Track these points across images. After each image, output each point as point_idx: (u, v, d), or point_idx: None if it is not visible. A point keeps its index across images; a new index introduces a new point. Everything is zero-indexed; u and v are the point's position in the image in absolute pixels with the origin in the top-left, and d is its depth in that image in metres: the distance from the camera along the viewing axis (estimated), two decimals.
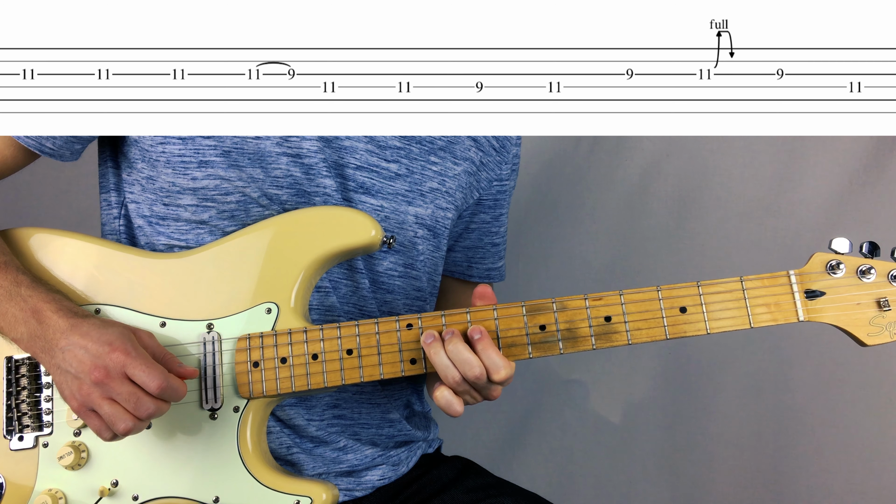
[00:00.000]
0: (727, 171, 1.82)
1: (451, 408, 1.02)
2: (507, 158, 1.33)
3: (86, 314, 1.04)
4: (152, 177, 1.14)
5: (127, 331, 1.01)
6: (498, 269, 1.41)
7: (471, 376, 1.00)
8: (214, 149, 1.11)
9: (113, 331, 1.00)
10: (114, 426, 0.98)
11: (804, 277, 1.04)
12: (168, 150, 1.11)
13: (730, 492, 1.85)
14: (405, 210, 1.20)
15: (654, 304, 1.03)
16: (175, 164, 1.11)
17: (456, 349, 1.00)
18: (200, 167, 1.11)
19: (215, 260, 1.10)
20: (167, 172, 1.12)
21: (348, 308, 1.19)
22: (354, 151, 1.16)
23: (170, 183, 1.12)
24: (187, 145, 1.11)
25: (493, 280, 1.42)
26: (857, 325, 1.03)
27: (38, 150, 1.14)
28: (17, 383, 1.10)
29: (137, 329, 1.04)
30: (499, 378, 1.00)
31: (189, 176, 1.11)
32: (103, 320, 1.03)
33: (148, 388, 0.97)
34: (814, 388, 1.79)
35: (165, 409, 1.00)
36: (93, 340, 0.99)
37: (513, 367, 1.01)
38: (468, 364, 1.00)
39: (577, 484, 1.94)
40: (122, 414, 0.98)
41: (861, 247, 1.04)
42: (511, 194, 1.39)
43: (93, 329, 1.00)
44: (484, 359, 1.00)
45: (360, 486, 1.22)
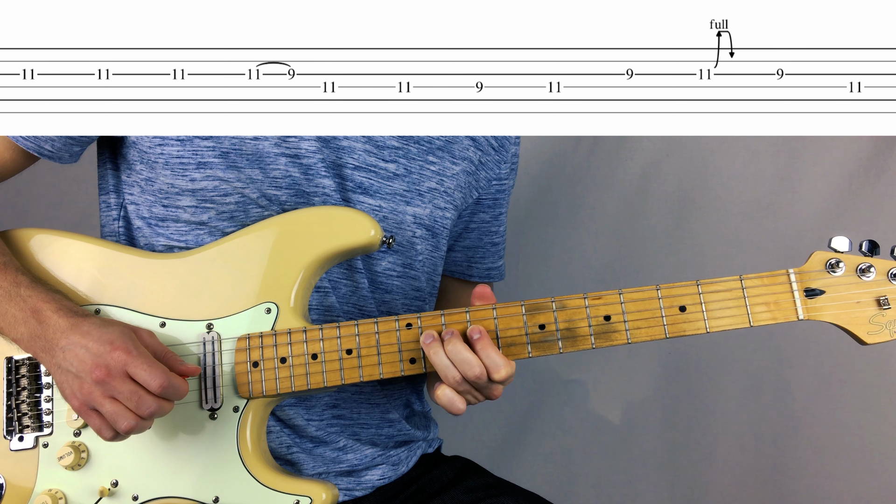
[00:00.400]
0: (727, 171, 1.82)
1: (454, 406, 1.02)
2: (505, 158, 1.33)
3: (86, 313, 1.04)
4: (151, 178, 1.14)
5: (128, 329, 1.01)
6: (498, 268, 1.41)
7: (471, 376, 1.00)
8: (213, 150, 1.11)
9: (114, 329, 1.00)
10: (116, 424, 0.98)
11: (804, 276, 1.04)
12: (166, 152, 1.11)
13: (730, 492, 1.85)
14: (403, 210, 1.20)
15: (653, 303, 1.03)
16: (174, 166, 1.11)
17: (455, 349, 1.00)
18: (199, 168, 1.11)
19: (215, 260, 1.10)
20: (166, 174, 1.12)
21: (348, 308, 1.19)
22: (352, 151, 1.16)
23: (168, 184, 1.12)
24: (185, 147, 1.11)
25: (493, 279, 1.42)
26: (856, 324, 1.03)
27: (37, 152, 1.14)
28: (17, 383, 1.10)
29: (138, 328, 1.04)
30: (499, 377, 1.00)
31: (188, 177, 1.11)
32: (104, 319, 1.03)
33: (150, 387, 0.97)
34: (814, 388, 1.79)
35: (168, 408, 1.00)
36: (93, 339, 0.99)
37: (513, 367, 1.01)
38: (468, 364, 1.00)
39: (577, 484, 1.93)
40: (123, 412, 0.98)
41: (861, 245, 1.04)
42: (510, 193, 1.39)
43: (93, 328, 1.00)
44: (483, 358, 1.00)
45: (360, 485, 1.22)
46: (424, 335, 1.02)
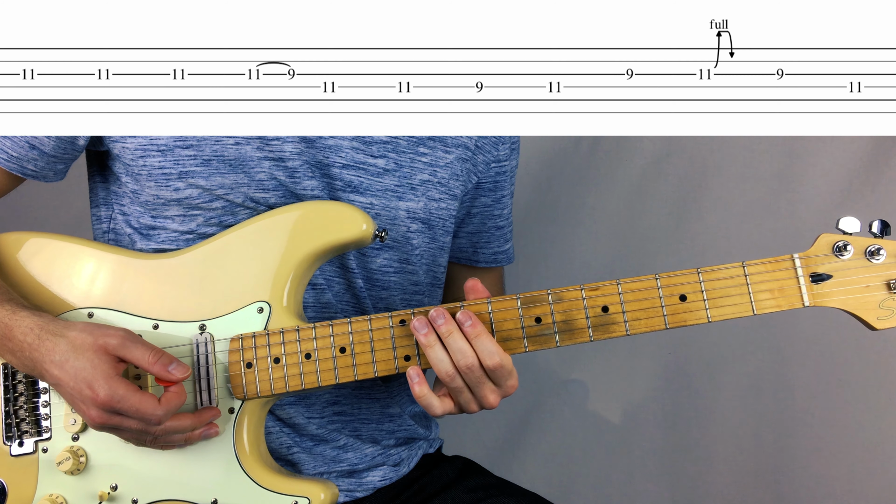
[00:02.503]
0: (727, 171, 1.81)
1: (430, 409, 1.00)
2: (503, 139, 1.30)
3: (55, 333, 0.99)
4: (137, 190, 1.14)
5: (97, 358, 0.97)
6: (505, 251, 1.39)
7: (463, 365, 0.98)
8: (194, 158, 1.10)
9: (84, 364, 0.96)
10: (140, 444, 1.02)
11: (809, 261, 0.99)
12: (149, 164, 1.11)
13: (730, 492, 1.85)
14: (395, 206, 1.18)
15: (652, 292, 1.00)
16: (157, 177, 1.11)
17: (452, 338, 0.98)
18: (181, 178, 1.10)
19: (206, 260, 1.09)
20: (150, 185, 1.12)
21: (343, 305, 1.19)
22: (339, 150, 1.15)
23: (154, 196, 1.12)
24: (167, 157, 1.10)
25: (500, 264, 1.40)
26: (866, 309, 0.98)
27: (20, 173, 1.14)
28: (14, 389, 1.09)
29: (109, 345, 0.98)
30: (492, 363, 0.97)
31: (171, 187, 1.11)
32: (74, 344, 0.98)
33: (153, 421, 0.97)
34: (814, 388, 1.79)
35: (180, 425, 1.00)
36: (70, 377, 0.97)
37: (508, 359, 0.99)
38: (461, 353, 0.98)
39: (577, 484, 1.93)
40: (141, 437, 1.00)
41: (871, 225, 0.99)
42: (513, 175, 1.36)
43: (65, 362, 0.97)
44: (476, 346, 0.98)
45: (361, 487, 1.22)
46: (417, 323, 0.99)
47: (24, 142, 1.12)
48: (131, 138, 1.11)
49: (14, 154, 1.12)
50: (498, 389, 1.01)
